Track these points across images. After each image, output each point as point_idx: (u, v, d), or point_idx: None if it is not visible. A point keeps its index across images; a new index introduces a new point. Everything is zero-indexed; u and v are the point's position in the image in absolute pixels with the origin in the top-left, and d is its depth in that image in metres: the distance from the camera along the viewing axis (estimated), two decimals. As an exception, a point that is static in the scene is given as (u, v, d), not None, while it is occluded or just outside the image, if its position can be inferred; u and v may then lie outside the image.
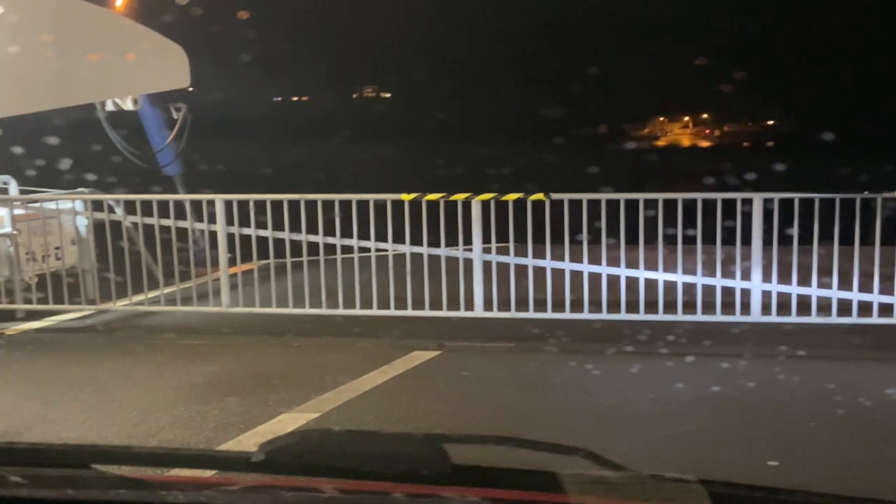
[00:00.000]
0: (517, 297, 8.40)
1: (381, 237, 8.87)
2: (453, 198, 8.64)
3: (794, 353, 7.33)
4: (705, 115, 65.16)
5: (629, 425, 5.80)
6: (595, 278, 8.33)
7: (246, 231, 9.40)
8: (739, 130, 60.42)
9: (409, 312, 8.46)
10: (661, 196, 8.34)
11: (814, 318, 8.02)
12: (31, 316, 9.17)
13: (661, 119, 66.52)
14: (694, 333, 7.86)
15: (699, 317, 8.15)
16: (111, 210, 9.66)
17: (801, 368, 7.05)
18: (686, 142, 62.23)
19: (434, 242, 8.83)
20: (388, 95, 51.92)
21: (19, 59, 9.50)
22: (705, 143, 60.18)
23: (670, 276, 8.31)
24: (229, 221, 9.04)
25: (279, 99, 37.91)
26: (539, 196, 8.43)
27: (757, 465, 4.99)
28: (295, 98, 42.13)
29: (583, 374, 7.09)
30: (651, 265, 8.39)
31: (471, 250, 8.65)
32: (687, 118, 66.15)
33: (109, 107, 11.56)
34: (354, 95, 50.51)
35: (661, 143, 61.83)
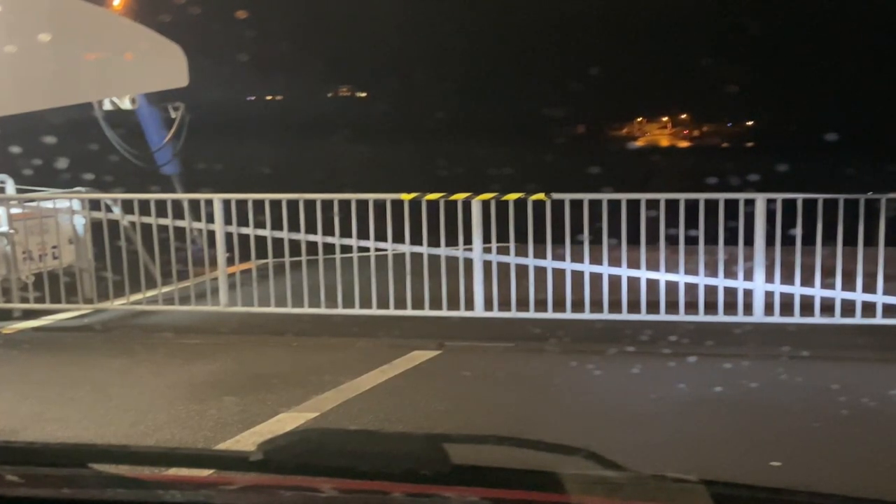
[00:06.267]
0: (518, 296, 8.38)
1: (381, 237, 8.84)
2: (453, 197, 8.61)
3: (797, 354, 7.31)
4: (693, 115, 65.26)
5: (631, 425, 5.77)
6: (596, 278, 8.30)
7: (244, 230, 9.37)
8: (727, 131, 60.52)
9: (409, 312, 8.43)
10: (662, 196, 8.31)
11: (817, 319, 7.99)
12: (28, 315, 9.14)
13: (662, 119, 66.64)
14: (696, 334, 7.83)
15: (701, 317, 8.12)
16: (108, 209, 9.62)
17: (804, 369, 7.03)
18: (681, 143, 62.36)
19: (434, 242, 8.80)
20: (363, 95, 52.15)
21: (17, 58, 9.47)
22: (685, 144, 60.41)
23: (672, 277, 8.28)
24: (227, 221, 9.00)
25: (252, 98, 37.84)
26: (540, 196, 8.40)
27: (759, 466, 4.96)
28: (269, 97, 42.14)
29: (584, 375, 7.06)
30: (653, 265, 8.36)
31: (471, 250, 8.62)
32: (686, 117, 66.28)
33: (107, 106, 11.54)
34: (329, 95, 50.57)
35: (660, 143, 61.93)
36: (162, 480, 1.75)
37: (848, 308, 7.96)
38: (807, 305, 8.04)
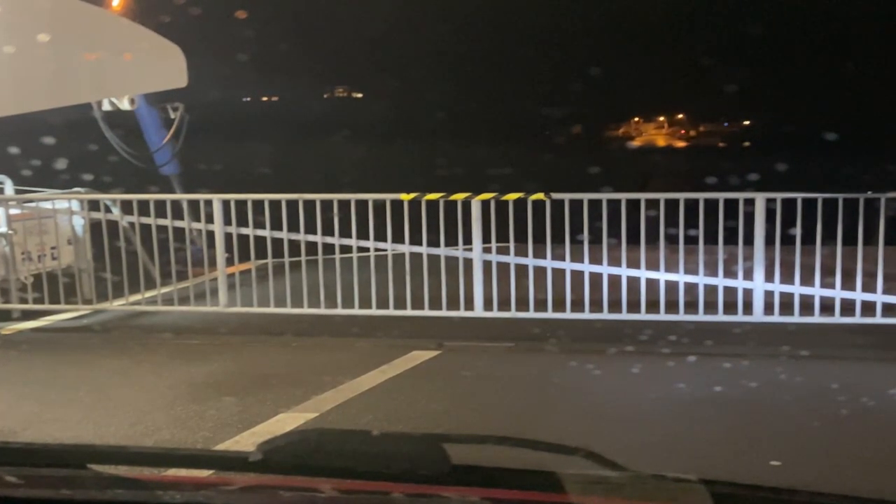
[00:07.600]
0: (517, 296, 8.37)
1: (381, 237, 8.83)
2: (453, 197, 8.60)
3: (796, 353, 7.29)
4: (690, 115, 65.18)
5: (630, 425, 5.76)
6: (596, 278, 8.29)
7: (244, 231, 9.35)
8: (723, 131, 60.49)
9: (409, 312, 8.42)
10: (662, 196, 8.31)
11: (817, 318, 7.99)
12: (27, 315, 9.13)
13: (660, 118, 66.61)
14: (696, 333, 7.82)
15: (701, 317, 8.11)
16: (108, 210, 9.61)
17: (803, 368, 7.02)
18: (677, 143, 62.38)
19: (433, 242, 8.80)
20: (359, 95, 52.29)
21: (16, 59, 9.46)
22: (682, 143, 60.45)
23: (672, 276, 8.28)
24: (227, 221, 8.99)
25: (248, 99, 37.86)
26: (539, 196, 8.40)
27: (759, 465, 4.95)
28: (265, 98, 42.17)
29: (584, 374, 7.05)
30: (652, 265, 8.35)
31: (471, 250, 8.61)
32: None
33: (106, 106, 11.53)
34: (326, 95, 50.74)
35: (660, 142, 61.91)
36: (161, 481, 1.75)
37: (847, 307, 7.96)
38: (806, 305, 8.04)
